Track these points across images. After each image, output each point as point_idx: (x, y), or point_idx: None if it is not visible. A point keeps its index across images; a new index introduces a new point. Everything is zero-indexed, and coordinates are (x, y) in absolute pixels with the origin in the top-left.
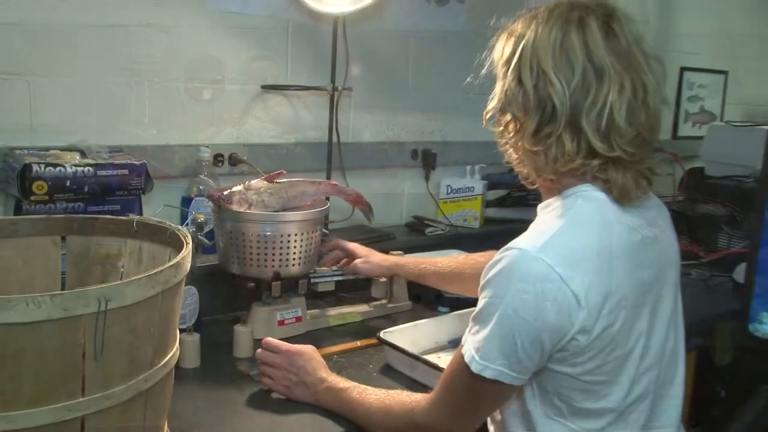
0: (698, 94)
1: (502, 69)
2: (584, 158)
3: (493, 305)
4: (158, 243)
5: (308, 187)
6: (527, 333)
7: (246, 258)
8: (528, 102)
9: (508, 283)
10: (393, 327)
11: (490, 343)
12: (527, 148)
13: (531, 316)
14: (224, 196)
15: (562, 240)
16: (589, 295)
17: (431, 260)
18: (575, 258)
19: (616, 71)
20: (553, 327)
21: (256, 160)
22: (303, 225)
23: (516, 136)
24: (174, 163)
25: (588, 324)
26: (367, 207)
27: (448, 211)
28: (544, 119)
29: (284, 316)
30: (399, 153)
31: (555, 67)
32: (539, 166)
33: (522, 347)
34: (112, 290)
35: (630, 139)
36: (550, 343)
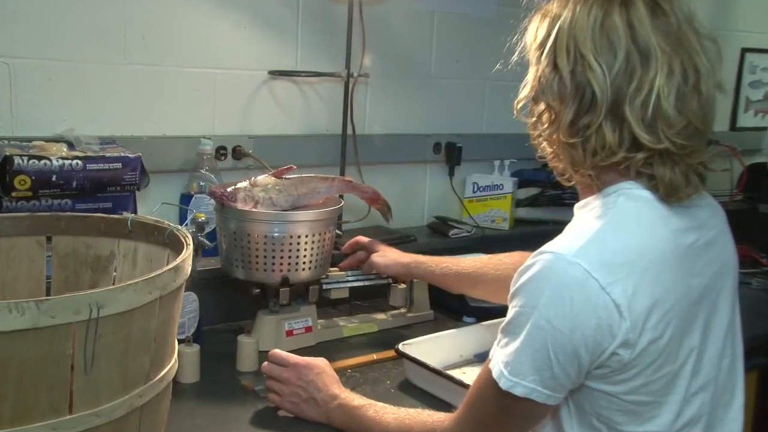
0: (762, 79)
1: (535, 53)
2: (627, 151)
3: (525, 315)
4: (155, 244)
5: (320, 184)
6: (562, 346)
7: (251, 261)
8: (564, 89)
9: (541, 290)
10: (413, 338)
11: (521, 357)
12: (563, 140)
13: (567, 327)
14: (228, 193)
15: (602, 243)
16: (633, 305)
17: (454, 259)
18: (616, 263)
19: (664, 53)
20: (592, 340)
21: (262, 153)
22: (314, 225)
23: (551, 127)
24: (172, 157)
25: (631, 337)
26: (384, 206)
27: (475, 211)
28: (582, 108)
29: (293, 325)
30: (420, 147)
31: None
32: (576, 160)
33: (557, 362)
34: (105, 296)
35: (679, 129)
36: (588, 358)
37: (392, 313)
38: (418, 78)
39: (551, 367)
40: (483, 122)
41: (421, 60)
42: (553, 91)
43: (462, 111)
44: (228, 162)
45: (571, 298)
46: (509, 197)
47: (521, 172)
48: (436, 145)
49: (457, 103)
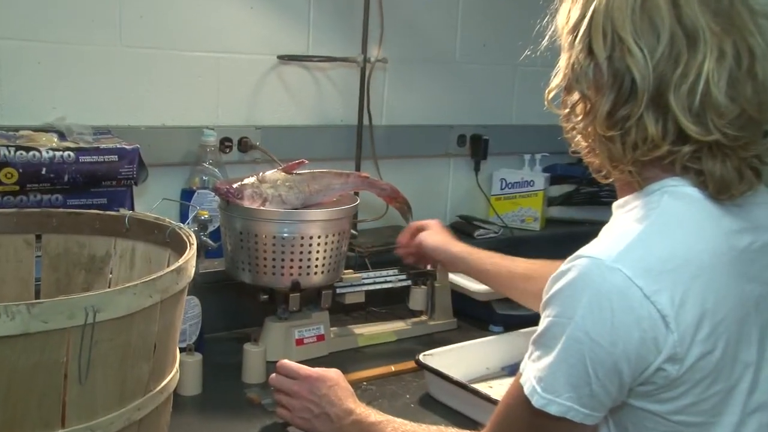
0: None
1: (567, 38)
2: (672, 144)
3: (560, 326)
4: (155, 244)
5: (334, 180)
6: (602, 361)
7: (259, 264)
8: (600, 77)
9: (578, 299)
10: (435, 349)
11: (556, 372)
12: (599, 133)
13: (606, 340)
14: (233, 189)
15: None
16: (680, 315)
17: (505, 258)
18: (661, 269)
19: (714, 34)
20: (635, 354)
21: (270, 145)
22: (328, 225)
23: (585, 119)
24: (172, 149)
25: (679, 351)
26: (404, 204)
27: (502, 210)
28: (620, 97)
29: (303, 334)
30: (443, 139)
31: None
32: (615, 155)
33: (595, 378)
34: (102, 299)
35: (732, 118)
36: (630, 374)
37: (412, 320)
38: (441, 63)
39: (589, 383)
40: (512, 112)
41: (444, 44)
42: (588, 79)
43: (489, 100)
44: (233, 155)
45: (611, 308)
46: (540, 195)
47: (554, 167)
48: (461, 137)
49: (483, 91)
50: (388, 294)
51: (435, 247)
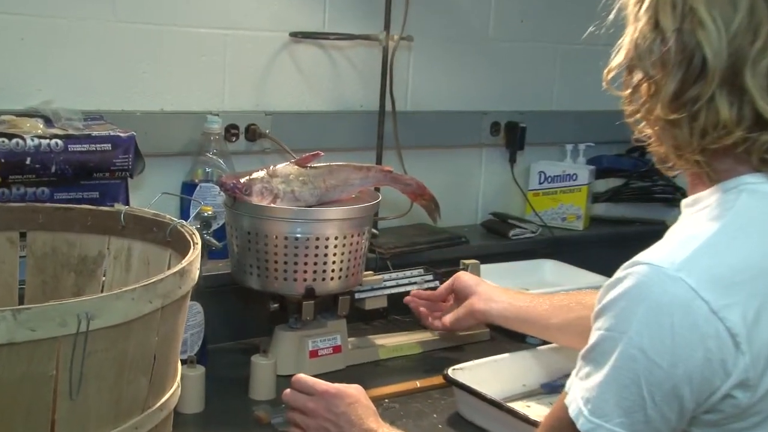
0: None
1: (634, 8)
2: (747, 131)
3: (612, 341)
4: (154, 243)
5: (353, 174)
6: (659, 383)
7: (269, 268)
8: (667, 54)
9: (634, 311)
10: (466, 362)
11: (606, 392)
12: (663, 117)
13: (666, 359)
14: (241, 184)
15: (715, 253)
16: (754, 335)
17: (573, 295)
18: (732, 280)
19: None
20: (699, 377)
21: (282, 134)
22: (346, 225)
23: (650, 101)
24: (172, 137)
25: (751, 376)
26: (431, 201)
27: (541, 207)
28: (689, 76)
29: (318, 344)
30: (474, 127)
31: (708, 2)
32: (681, 142)
33: (651, 402)
34: (96, 305)
35: None
36: (693, 399)
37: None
38: (473, 42)
39: (644, 407)
40: (553, 97)
41: (476, 19)
42: (654, 56)
43: (527, 82)
44: (240, 144)
45: (671, 324)
46: (584, 190)
47: (600, 159)
48: (494, 125)
49: (520, 73)
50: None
51: (496, 313)
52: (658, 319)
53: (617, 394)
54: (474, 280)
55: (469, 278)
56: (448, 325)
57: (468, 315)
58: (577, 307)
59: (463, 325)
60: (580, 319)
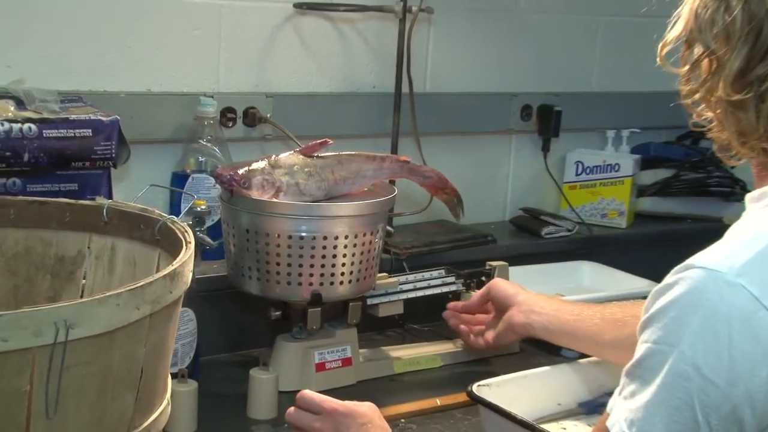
0: None
1: None
2: None
3: (661, 354)
4: (140, 242)
5: (365, 165)
6: (716, 405)
7: (270, 271)
8: (732, 25)
9: (686, 321)
10: (492, 378)
11: (654, 415)
12: (725, 98)
13: (723, 377)
14: (239, 175)
15: None
16: None
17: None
18: None
19: None
20: (763, 397)
21: (285, 119)
22: (358, 222)
23: (711, 80)
24: (161, 121)
25: None
26: (453, 195)
27: (578, 202)
28: (756, 52)
29: (325, 356)
30: (503, 111)
31: None
32: (746, 126)
33: (707, 426)
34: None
35: None
36: (755, 424)
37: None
38: (502, 13)
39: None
40: (593, 76)
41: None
42: (716, 27)
43: (563, 60)
44: (238, 129)
45: (729, 337)
46: (628, 182)
47: (646, 147)
48: (525, 108)
49: (555, 49)
50: (433, 305)
51: (538, 325)
52: (715, 331)
53: (667, 417)
54: (512, 288)
55: (506, 286)
56: (492, 343)
57: (508, 330)
58: (633, 322)
59: (504, 341)
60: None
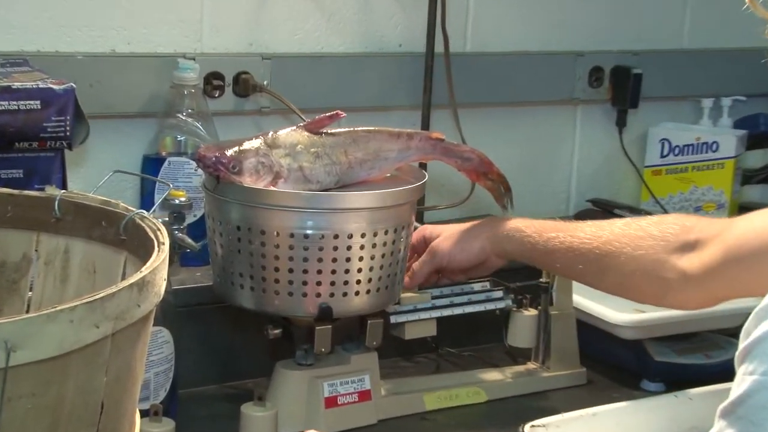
0: None
1: None
2: None
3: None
4: (102, 242)
5: (388, 144)
6: None
7: (267, 278)
8: None
9: None
10: (552, 417)
11: None
12: None
13: None
14: (227, 157)
15: None
16: None
17: (567, 226)
18: None
19: None
20: None
21: (286, 87)
22: (378, 217)
23: None
24: (128, 91)
25: None
26: (499, 183)
27: (664, 191)
28: None
29: (338, 389)
30: (565, 75)
31: None
32: None
33: None
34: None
35: None
36: None
37: (513, 370)
38: None
39: None
40: (683, 29)
41: None
42: None
43: (644, 9)
44: (226, 100)
45: None
46: (730, 166)
47: (754, 120)
48: (595, 71)
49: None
50: (475, 323)
51: (455, 249)
52: None
53: None
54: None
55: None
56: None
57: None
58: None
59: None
60: None
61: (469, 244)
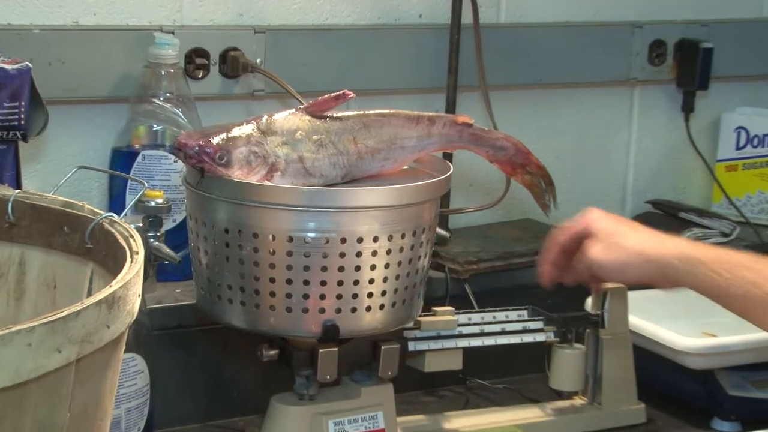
0: None
1: None
2: None
3: None
4: (63, 252)
5: (406, 130)
6: None
7: (261, 292)
8: None
9: None
10: None
11: None
12: None
13: None
14: (212, 146)
15: None
16: None
17: (756, 262)
18: None
19: None
20: None
21: (284, 66)
22: (393, 217)
23: None
24: (96, 71)
25: None
26: (540, 177)
27: (739, 191)
28: None
29: (345, 428)
30: (620, 50)
31: None
32: None
33: None
34: None
35: None
36: None
37: (556, 406)
38: None
39: None
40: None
41: None
42: None
43: None
44: (211, 82)
45: None
46: None
47: None
48: (656, 45)
49: None
50: (509, 351)
51: (620, 262)
52: None
53: None
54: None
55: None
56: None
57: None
58: None
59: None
60: None
61: (630, 265)
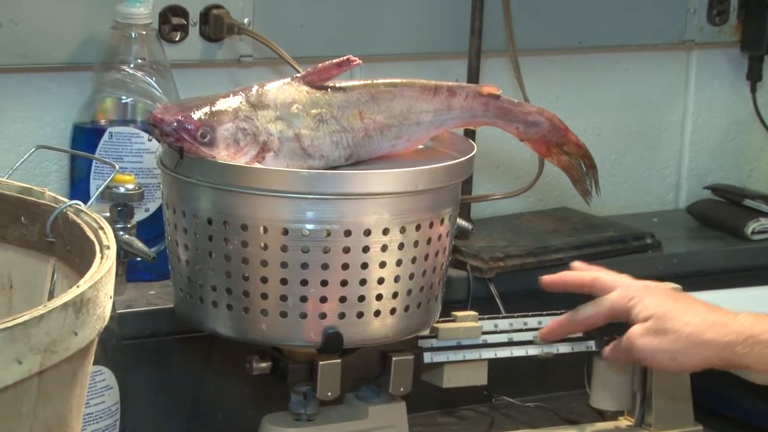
0: None
1: None
2: None
3: None
4: (20, 246)
5: (420, 103)
6: None
7: (251, 293)
8: None
9: None
10: None
11: None
12: None
13: None
14: (193, 122)
15: None
16: None
17: None
18: None
19: None
20: None
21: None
22: (407, 206)
23: None
24: (54, 33)
25: None
26: (580, 158)
27: None
28: None
29: None
30: (673, 7)
31: None
32: None
33: None
34: None
35: None
36: None
37: (596, 427)
38: None
39: None
40: None
41: None
42: None
43: None
44: (191, 46)
45: None
46: None
47: None
48: (717, 2)
49: None
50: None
51: (671, 354)
52: None
53: None
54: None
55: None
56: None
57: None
58: None
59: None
60: None
61: (682, 353)
